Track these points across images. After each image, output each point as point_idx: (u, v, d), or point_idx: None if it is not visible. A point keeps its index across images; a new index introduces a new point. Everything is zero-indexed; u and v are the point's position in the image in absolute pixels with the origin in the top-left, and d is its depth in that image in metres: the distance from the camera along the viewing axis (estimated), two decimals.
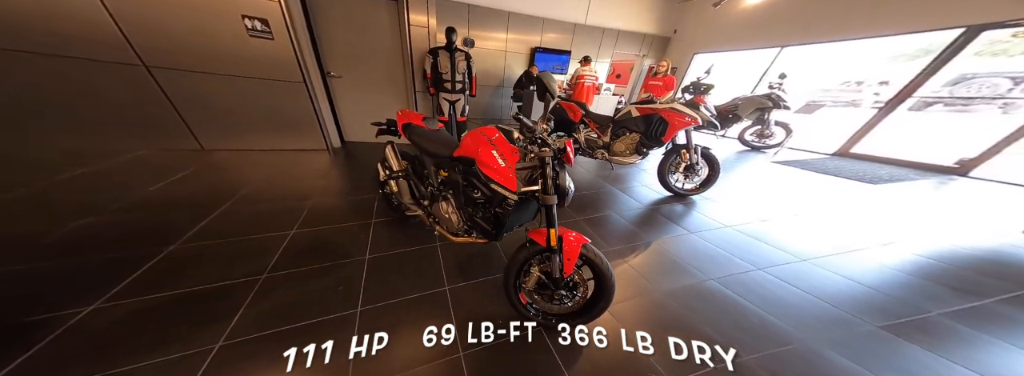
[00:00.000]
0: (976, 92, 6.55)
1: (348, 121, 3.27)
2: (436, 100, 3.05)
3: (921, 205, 2.18)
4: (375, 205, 1.96)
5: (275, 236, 1.54)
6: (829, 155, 3.51)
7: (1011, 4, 2.48)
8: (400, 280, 1.28)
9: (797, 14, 3.77)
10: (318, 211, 1.86)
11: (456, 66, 2.86)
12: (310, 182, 2.29)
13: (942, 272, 1.40)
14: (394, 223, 1.75)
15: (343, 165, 2.75)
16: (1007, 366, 0.89)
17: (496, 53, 4.79)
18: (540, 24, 4.74)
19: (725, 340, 0.97)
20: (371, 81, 3.17)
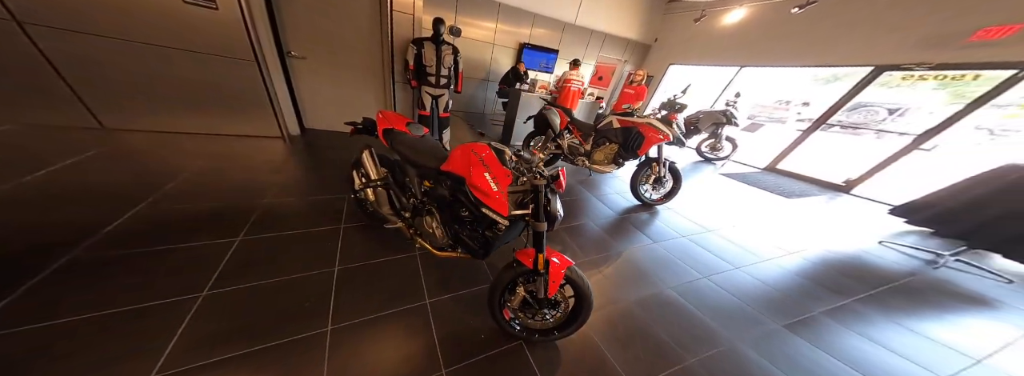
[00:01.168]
0: (862, 119, 7.84)
1: (311, 107, 2.90)
2: (417, 93, 2.82)
3: (815, 217, 2.67)
4: (346, 207, 1.76)
5: (218, 244, 1.28)
6: (761, 170, 4.06)
7: (905, 52, 3.01)
8: (376, 293, 1.18)
9: (760, 39, 4.12)
10: (274, 213, 1.58)
11: (442, 60, 2.64)
12: (263, 177, 1.96)
13: (822, 275, 1.78)
14: (368, 229, 1.59)
15: (303, 156, 2.42)
16: (861, 353, 1.22)
17: (483, 45, 4.50)
18: (531, 19, 4.50)
19: (679, 346, 1.16)
20: (342, 66, 2.80)
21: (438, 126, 3.02)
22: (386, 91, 3.01)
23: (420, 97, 2.81)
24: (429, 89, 2.77)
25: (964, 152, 6.66)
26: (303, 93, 2.79)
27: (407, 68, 2.67)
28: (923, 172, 3.88)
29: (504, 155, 0.97)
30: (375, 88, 3.02)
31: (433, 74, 2.67)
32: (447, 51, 2.67)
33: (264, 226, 1.46)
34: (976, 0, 2.63)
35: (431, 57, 2.60)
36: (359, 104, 3.05)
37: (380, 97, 3.08)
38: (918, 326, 1.40)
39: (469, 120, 4.76)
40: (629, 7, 5.03)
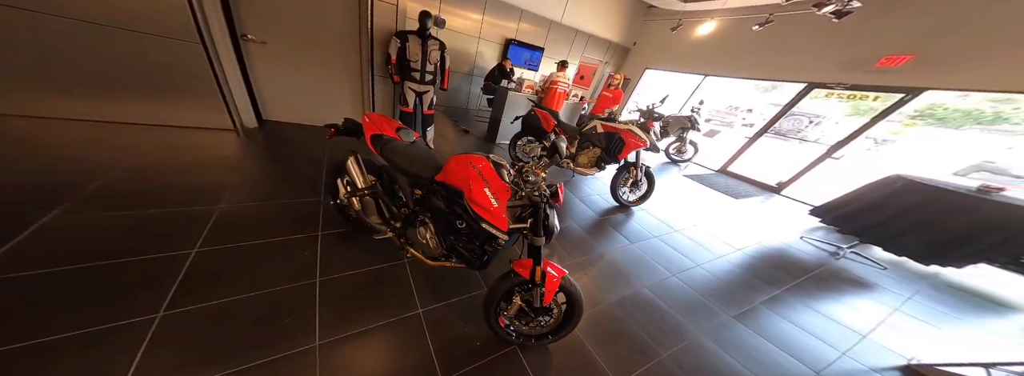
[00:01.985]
0: (791, 126, 8.99)
1: (271, 96, 2.53)
2: (400, 89, 2.60)
3: (754, 216, 3.07)
4: (321, 212, 1.60)
5: (167, 258, 1.10)
6: (715, 171, 4.48)
7: (829, 73, 3.49)
8: (365, 304, 1.12)
9: (724, 52, 4.44)
10: (235, 219, 1.39)
11: (428, 55, 2.44)
12: (216, 176, 1.71)
13: (760, 269, 2.08)
14: (349, 236, 1.47)
15: (263, 153, 2.14)
16: (788, 336, 1.48)
17: (468, 38, 4.23)
18: (518, 14, 4.30)
19: (654, 342, 1.29)
20: (311, 54, 2.46)
21: (422, 123, 2.83)
22: (363, 84, 2.73)
23: (402, 93, 2.59)
24: (413, 85, 2.56)
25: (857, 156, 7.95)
26: (261, 81, 2.42)
27: (389, 62, 2.43)
28: (834, 177, 4.60)
29: (503, 169, 0.95)
30: (349, 80, 2.72)
31: (418, 69, 2.47)
32: (434, 46, 2.47)
33: (224, 235, 1.28)
34: (882, 32, 3.09)
35: (416, 52, 2.39)
36: (330, 97, 2.73)
37: (356, 90, 2.78)
38: (825, 309, 1.73)
39: (452, 116, 4.54)
40: (612, 9, 5.04)
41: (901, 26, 2.99)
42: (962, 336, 1.67)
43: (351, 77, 2.73)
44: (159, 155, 1.73)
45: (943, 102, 10.97)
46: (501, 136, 3.68)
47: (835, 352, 1.36)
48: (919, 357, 1.34)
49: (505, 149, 3.56)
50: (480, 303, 1.24)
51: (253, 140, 2.26)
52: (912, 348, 1.46)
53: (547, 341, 1.10)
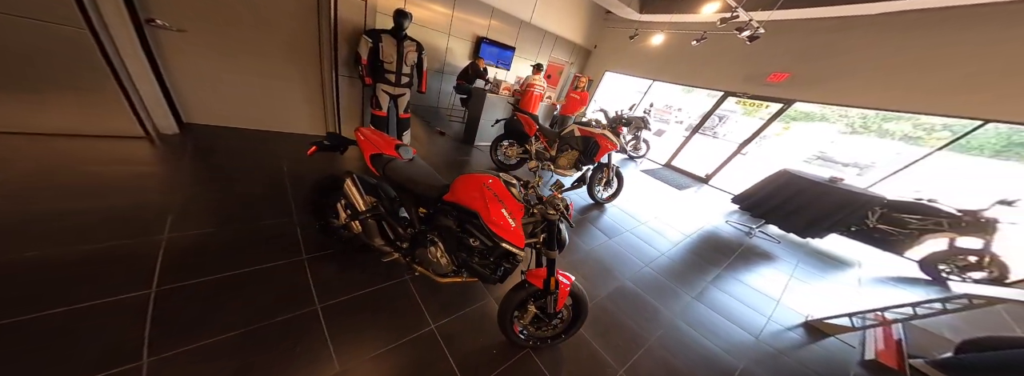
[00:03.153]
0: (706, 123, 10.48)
1: (196, 96, 1.99)
2: (372, 91, 2.27)
3: (693, 205, 3.56)
4: (299, 234, 1.39)
5: (121, 303, 0.90)
6: (662, 166, 5.01)
7: (738, 84, 4.14)
8: (375, 326, 1.07)
9: (669, 61, 4.84)
10: (193, 250, 1.15)
11: (404, 57, 2.15)
12: (142, 197, 1.35)
13: (703, 251, 2.44)
14: (337, 257, 1.32)
15: (200, 166, 1.71)
16: (729, 307, 1.78)
17: (438, 33, 3.82)
18: (489, 11, 4.00)
19: (641, 330, 1.43)
20: (252, 46, 1.95)
21: (397, 128, 2.53)
22: (325, 85, 2.27)
23: (375, 95, 2.26)
24: (387, 87, 2.25)
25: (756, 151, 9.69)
26: (181, 78, 1.88)
27: (359, 62, 2.07)
28: (743, 169, 5.55)
29: (512, 187, 0.93)
30: (304, 78, 2.25)
31: (393, 71, 2.17)
32: (410, 47, 2.17)
33: (186, 269, 1.06)
34: (773, 55, 3.77)
35: (391, 53, 2.09)
36: (279, 97, 2.25)
37: (314, 91, 2.32)
38: (750, 280, 2.14)
39: (424, 116, 4.15)
40: (575, 13, 5.04)
41: (784, 50, 3.68)
42: (829, 290, 2.23)
43: (306, 75, 2.26)
44: (60, 174, 1.27)
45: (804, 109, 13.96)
46: (479, 138, 3.51)
47: (763, 318, 1.71)
48: (812, 313, 1.78)
49: (482, 151, 3.43)
50: (487, 312, 1.26)
51: (179, 150, 1.77)
52: (805, 306, 1.92)
53: (558, 341, 1.16)
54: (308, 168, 2.03)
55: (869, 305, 1.59)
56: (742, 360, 1.35)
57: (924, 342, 1.48)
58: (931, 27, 2.85)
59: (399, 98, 2.39)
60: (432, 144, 3.33)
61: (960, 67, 2.73)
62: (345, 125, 2.51)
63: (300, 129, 2.49)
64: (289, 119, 2.40)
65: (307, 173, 1.97)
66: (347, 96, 2.37)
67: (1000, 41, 2.57)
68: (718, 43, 4.01)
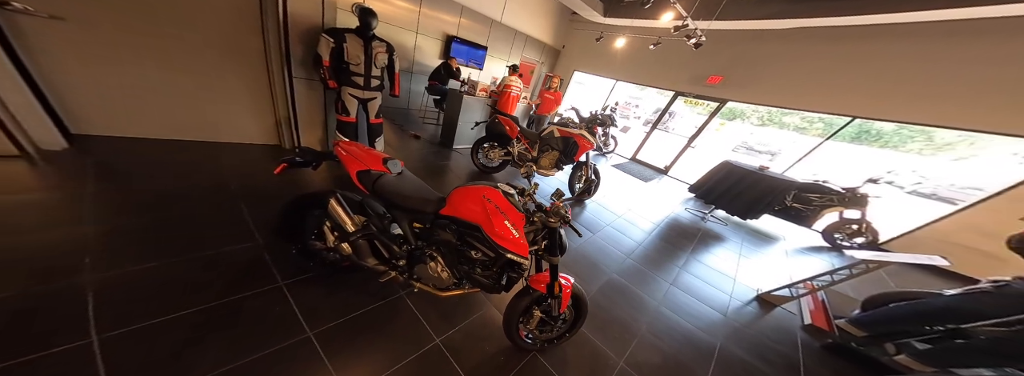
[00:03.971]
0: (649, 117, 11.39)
1: (90, 102, 1.55)
2: (337, 95, 1.98)
3: (656, 195, 3.84)
4: (268, 259, 1.21)
5: (55, 357, 0.73)
6: (628, 159, 5.30)
7: (684, 85, 4.56)
8: (377, 346, 1.00)
9: (630, 62, 5.05)
10: (130, 288, 0.95)
11: (373, 58, 1.90)
12: (40, 235, 1.05)
13: (670, 237, 2.65)
14: (322, 280, 1.19)
15: (110, 188, 1.36)
16: (696, 288, 1.95)
17: (405, 31, 3.44)
18: (459, 9, 3.70)
19: (632, 320, 1.51)
20: (167, 41, 1.55)
21: (368, 134, 2.25)
22: (275, 88, 1.91)
23: (340, 100, 1.98)
24: (354, 91, 1.98)
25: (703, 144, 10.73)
26: (64, 79, 1.44)
27: (320, 64, 1.77)
28: (694, 160, 6.14)
29: (512, 197, 0.89)
30: (248, 82, 1.88)
31: (360, 74, 1.91)
32: (380, 48, 1.92)
33: (127, 313, 0.86)
34: (711, 60, 4.19)
35: (357, 54, 1.83)
36: (212, 102, 1.87)
37: (261, 95, 1.96)
38: (710, 262, 2.38)
39: (394, 118, 3.78)
40: (543, 12, 4.97)
41: (719, 57, 4.11)
42: (768, 263, 2.59)
43: (247, 76, 1.87)
44: None
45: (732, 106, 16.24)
46: (458, 141, 3.32)
47: (726, 296, 1.92)
48: (760, 287, 2.04)
49: (461, 154, 3.26)
50: (489, 320, 1.23)
51: (75, 170, 1.37)
52: (754, 280, 2.20)
53: (563, 340, 1.17)
54: (266, 184, 1.73)
55: (799, 275, 1.88)
56: (717, 337, 1.50)
57: (841, 303, 1.81)
58: (818, 41, 3.41)
59: (369, 102, 2.11)
60: (408, 149, 3.06)
61: (839, 74, 3.34)
62: (305, 132, 2.15)
63: (245, 138, 2.09)
64: (228, 127, 1.99)
65: (267, 190, 1.68)
66: (306, 100, 2.01)
67: (865, 54, 3.17)
68: (671, 48, 4.27)
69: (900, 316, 1.42)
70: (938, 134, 8.72)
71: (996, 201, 2.71)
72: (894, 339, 1.42)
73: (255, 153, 2.05)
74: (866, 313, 1.57)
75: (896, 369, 1.34)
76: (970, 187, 7.74)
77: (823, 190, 3.07)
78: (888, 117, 3.14)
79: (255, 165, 1.91)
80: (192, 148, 1.87)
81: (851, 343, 1.46)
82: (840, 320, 1.60)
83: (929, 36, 2.80)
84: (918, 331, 1.37)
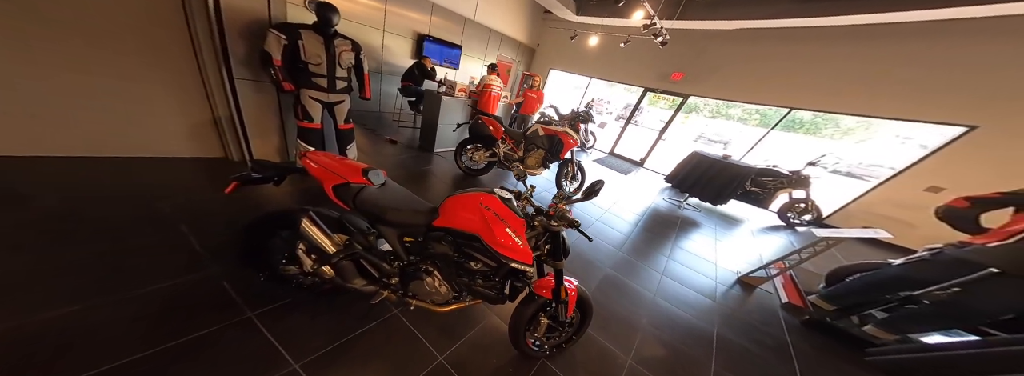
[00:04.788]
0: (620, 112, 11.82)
1: None
2: (296, 99, 1.70)
3: (635, 186, 3.93)
4: (229, 288, 1.04)
5: None
6: (607, 154, 5.37)
7: (652, 82, 4.72)
8: (377, 372, 0.90)
9: (603, 60, 5.07)
10: (64, 336, 0.77)
11: (338, 58, 1.65)
12: None
13: (652, 227, 2.70)
14: (300, 306, 1.04)
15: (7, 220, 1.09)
16: (682, 273, 1.99)
17: (370, 30, 3.13)
18: (429, 7, 3.43)
19: (632, 315, 1.47)
20: (62, 35, 1.24)
21: (338, 141, 1.99)
22: (211, 91, 1.60)
23: (300, 104, 1.70)
24: (317, 94, 1.71)
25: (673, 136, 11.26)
26: None
27: (271, 63, 1.49)
28: (666, 152, 6.39)
29: (510, 202, 0.81)
30: (175, 84, 1.56)
31: (323, 75, 1.65)
32: (344, 47, 1.67)
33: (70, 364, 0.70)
34: (674, 57, 4.37)
35: (317, 53, 1.57)
36: (127, 111, 1.53)
37: (194, 100, 1.64)
38: (692, 248, 2.46)
39: (366, 123, 3.44)
40: (517, 10, 4.82)
41: (681, 54, 4.29)
42: (739, 245, 2.74)
43: (172, 78, 1.53)
44: None
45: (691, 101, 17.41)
46: (439, 144, 3.09)
47: (712, 281, 1.98)
48: (740, 270, 2.14)
49: (444, 157, 3.05)
50: (491, 330, 1.15)
51: None
52: (733, 263, 2.30)
53: (571, 344, 1.12)
54: (212, 204, 1.45)
55: (768, 254, 1.99)
56: (713, 324, 1.52)
57: (809, 279, 1.94)
58: (759, 41, 3.70)
59: (336, 106, 1.84)
60: (384, 155, 2.79)
61: (780, 70, 3.68)
62: (257, 142, 1.84)
63: (178, 151, 1.75)
64: (156, 139, 1.64)
65: (214, 210, 1.41)
66: (254, 105, 1.70)
67: (797, 53, 3.51)
68: (639, 46, 4.35)
69: (859, 288, 1.54)
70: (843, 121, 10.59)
71: (902, 177, 3.16)
72: (860, 310, 1.53)
73: (194, 168, 1.72)
74: (831, 288, 1.68)
75: (869, 340, 1.43)
76: (873, 165, 9.33)
77: (774, 174, 3.33)
78: (815, 108, 3.56)
79: (195, 182, 1.60)
80: (112, 166, 1.51)
81: (826, 318, 1.56)
82: (811, 296, 1.71)
83: (838, 38, 3.22)
84: (877, 301, 1.49)
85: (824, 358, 1.40)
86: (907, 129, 9.59)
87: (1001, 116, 2.61)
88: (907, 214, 3.14)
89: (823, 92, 3.43)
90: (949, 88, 2.78)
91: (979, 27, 2.57)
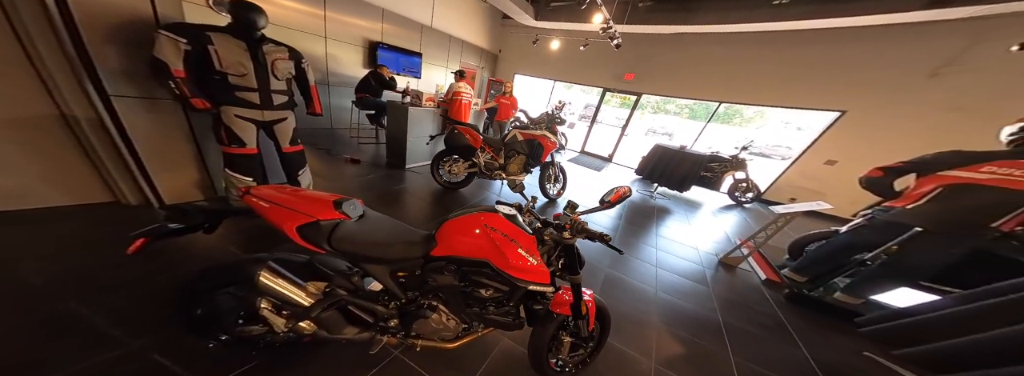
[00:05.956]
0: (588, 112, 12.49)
1: None
2: (216, 120, 1.32)
3: (608, 181, 4.05)
4: (166, 362, 0.80)
5: None
6: (579, 152, 5.50)
7: (609, 82, 4.97)
8: None
9: (565, 63, 5.19)
10: None
11: (271, 68, 1.31)
12: None
13: (634, 219, 2.76)
14: (275, 365, 0.85)
15: None
16: (665, 260, 2.03)
17: (308, 37, 2.68)
18: (379, 14, 3.08)
19: (641, 313, 1.43)
20: None
21: (285, 167, 1.61)
22: (72, 115, 1.17)
23: (224, 125, 1.32)
24: (246, 112, 1.35)
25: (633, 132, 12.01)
26: None
27: (168, 74, 1.12)
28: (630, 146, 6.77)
29: (516, 218, 0.74)
30: (11, 110, 1.10)
31: (251, 88, 1.30)
32: (278, 54, 1.34)
33: None
34: (626, 59, 4.63)
35: (236, 61, 1.23)
36: None
37: (50, 131, 1.19)
38: (673, 236, 2.55)
39: (318, 143, 2.96)
40: (474, 16, 4.66)
41: (631, 56, 4.58)
42: (707, 226, 2.95)
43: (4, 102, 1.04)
44: None
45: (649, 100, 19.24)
46: (411, 159, 2.79)
47: (700, 267, 2.05)
48: (718, 251, 2.27)
49: (418, 173, 2.76)
50: (508, 355, 1.04)
51: None
52: (710, 246, 2.44)
53: (594, 357, 1.03)
54: (103, 264, 1.07)
55: (730, 232, 2.13)
56: (715, 312, 1.54)
57: (775, 255, 2.12)
58: (693, 46, 4.14)
59: (276, 126, 1.47)
60: (346, 178, 2.41)
61: (711, 70, 4.16)
62: (164, 177, 1.40)
63: (39, 200, 1.25)
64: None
65: (108, 271, 1.04)
66: (149, 129, 1.28)
67: (726, 56, 4.02)
68: (595, 49, 4.55)
69: (819, 257, 1.70)
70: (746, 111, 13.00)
71: (807, 156, 3.83)
72: (829, 278, 1.63)
73: (73, 221, 1.25)
74: (797, 261, 1.85)
75: (844, 307, 1.53)
76: (776, 145, 11.51)
77: (720, 159, 3.71)
78: (740, 101, 4.15)
79: (73, 238, 1.16)
80: None
81: (803, 290, 1.68)
82: (784, 270, 1.86)
83: (753, 43, 3.78)
84: (839, 267, 1.64)
85: (820, 333, 1.44)
86: (790, 115, 12.21)
87: (862, 102, 3.35)
88: (815, 184, 3.82)
89: (744, 88, 4.00)
90: (826, 81, 3.48)
91: (844, 33, 3.22)
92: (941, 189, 1.30)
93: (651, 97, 4.90)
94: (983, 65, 2.75)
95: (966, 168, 1.25)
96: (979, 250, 1.30)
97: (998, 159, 1.20)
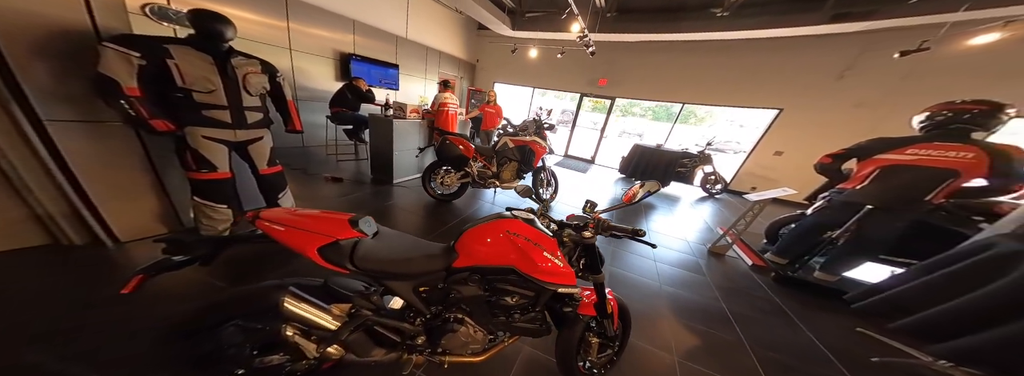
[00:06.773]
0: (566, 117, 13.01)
1: None
2: (181, 143, 1.14)
3: (594, 182, 4.16)
4: None
5: None
6: (564, 156, 5.61)
7: (585, 87, 5.19)
8: None
9: (543, 71, 5.32)
10: None
11: (242, 83, 1.17)
12: None
13: (626, 220, 2.84)
14: None
15: None
16: (681, 257, 2.09)
17: (271, 49, 2.50)
18: (349, 25, 2.94)
19: (650, 309, 1.44)
20: None
21: (263, 190, 1.44)
22: None
23: (190, 148, 1.14)
24: (215, 132, 1.18)
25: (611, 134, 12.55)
26: None
27: (114, 92, 0.94)
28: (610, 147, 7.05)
29: (535, 223, 0.73)
30: None
31: (222, 106, 1.14)
32: (251, 68, 1.20)
33: None
34: (598, 65, 4.87)
35: (204, 76, 1.08)
36: None
37: None
38: (665, 231, 2.65)
39: (291, 162, 2.71)
40: (450, 27, 4.63)
41: (604, 62, 4.84)
42: (690, 217, 3.13)
43: None
44: None
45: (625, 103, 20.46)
46: (398, 173, 2.64)
47: (695, 258, 2.13)
48: (706, 242, 2.39)
49: (407, 187, 2.63)
50: (532, 362, 1.03)
51: None
52: (697, 236, 2.56)
53: (620, 355, 1.01)
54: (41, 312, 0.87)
55: (710, 221, 2.26)
56: (718, 300, 1.58)
57: (754, 240, 2.28)
58: (656, 52, 4.49)
59: (250, 146, 1.30)
60: (329, 198, 2.20)
61: (674, 75, 4.54)
62: (113, 211, 1.17)
63: None
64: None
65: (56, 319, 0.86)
66: (91, 157, 1.06)
67: (689, 62, 4.41)
68: (570, 57, 4.75)
69: (794, 239, 1.86)
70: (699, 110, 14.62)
71: (759, 148, 4.30)
72: (808, 258, 1.74)
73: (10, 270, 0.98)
74: (776, 245, 2.00)
75: (825, 285, 1.62)
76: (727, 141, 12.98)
77: (690, 155, 4.02)
78: (698, 101, 4.57)
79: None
80: None
81: (787, 271, 1.80)
82: (766, 254, 2.00)
83: (705, 50, 4.19)
84: (813, 247, 1.77)
85: (815, 313, 1.49)
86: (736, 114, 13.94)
87: (794, 101, 3.89)
88: (768, 172, 4.28)
89: (702, 90, 4.42)
90: (764, 83, 4.00)
91: (778, 42, 3.73)
92: (878, 170, 1.50)
93: (621, 100, 5.16)
94: (874, 69, 3.34)
95: (894, 151, 1.46)
96: (920, 222, 1.48)
97: (917, 143, 1.41)
